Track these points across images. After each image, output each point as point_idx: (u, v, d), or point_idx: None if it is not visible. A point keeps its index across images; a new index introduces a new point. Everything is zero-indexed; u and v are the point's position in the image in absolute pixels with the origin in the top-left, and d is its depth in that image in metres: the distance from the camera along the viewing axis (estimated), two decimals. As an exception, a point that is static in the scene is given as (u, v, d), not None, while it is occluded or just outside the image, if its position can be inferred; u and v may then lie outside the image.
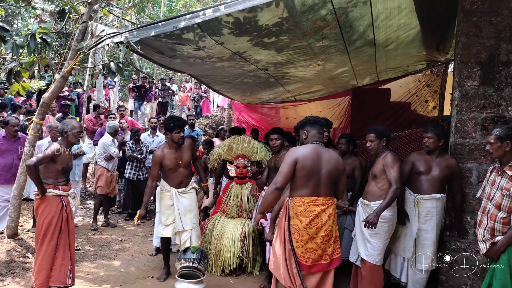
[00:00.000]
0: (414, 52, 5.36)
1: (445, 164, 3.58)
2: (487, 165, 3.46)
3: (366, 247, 3.52)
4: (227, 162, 4.89)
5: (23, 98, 9.74)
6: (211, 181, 5.67)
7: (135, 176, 6.48)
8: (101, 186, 6.11)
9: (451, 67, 6.21)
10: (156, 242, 4.98)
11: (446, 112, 6.19)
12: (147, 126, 10.14)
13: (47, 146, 3.90)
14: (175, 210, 4.13)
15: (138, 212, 4.11)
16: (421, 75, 6.69)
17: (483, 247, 2.91)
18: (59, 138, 3.80)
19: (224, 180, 5.44)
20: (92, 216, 6.23)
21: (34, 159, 3.53)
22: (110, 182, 6.15)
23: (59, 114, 7.57)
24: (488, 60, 3.52)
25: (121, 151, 6.43)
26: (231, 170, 4.79)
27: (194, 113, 12.64)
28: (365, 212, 3.56)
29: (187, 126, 8.53)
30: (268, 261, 3.95)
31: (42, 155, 3.54)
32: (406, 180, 3.71)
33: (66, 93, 10.05)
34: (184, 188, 4.16)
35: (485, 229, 2.89)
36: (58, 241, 3.67)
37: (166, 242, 4.35)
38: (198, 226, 4.32)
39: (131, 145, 6.48)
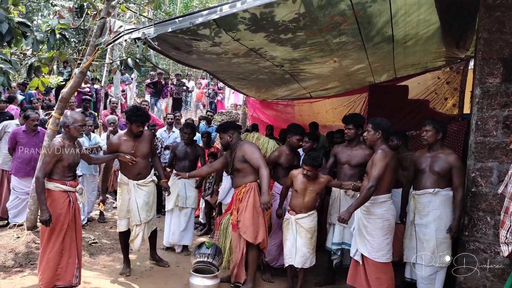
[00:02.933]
0: (433, 49, 5.25)
1: (443, 159, 3.60)
2: (508, 164, 3.37)
3: (365, 244, 3.52)
4: None
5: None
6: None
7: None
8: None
9: (471, 64, 6.07)
10: (166, 241, 5.05)
11: (466, 110, 6.06)
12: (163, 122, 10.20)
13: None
14: (133, 203, 4.12)
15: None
16: (440, 72, 6.57)
17: (505, 249, 2.82)
18: (62, 132, 3.66)
19: (225, 176, 5.35)
20: (108, 210, 6.31)
21: (40, 173, 3.46)
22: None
23: (78, 109, 7.68)
24: (511, 57, 3.42)
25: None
26: None
27: (209, 109, 12.70)
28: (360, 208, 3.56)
29: (204, 122, 8.58)
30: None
31: (44, 162, 3.47)
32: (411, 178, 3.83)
33: (87, 89, 10.18)
34: (142, 180, 4.17)
35: (508, 231, 2.80)
36: (64, 238, 3.56)
37: (124, 236, 4.29)
38: (154, 220, 4.38)
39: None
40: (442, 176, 3.60)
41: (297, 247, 3.80)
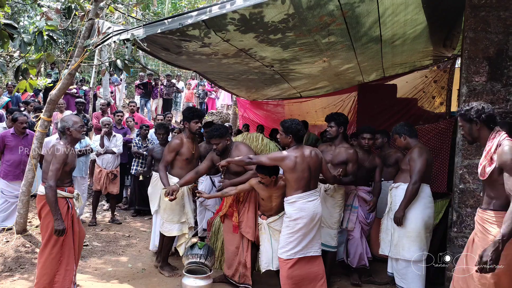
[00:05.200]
0: (421, 48, 5.33)
1: (407, 155, 3.82)
2: (495, 161, 3.44)
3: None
4: None
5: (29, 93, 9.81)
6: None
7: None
8: (93, 181, 6.18)
9: (458, 63, 6.17)
10: (152, 245, 4.87)
11: (454, 108, 6.17)
12: (153, 123, 10.14)
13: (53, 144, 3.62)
14: (187, 206, 4.20)
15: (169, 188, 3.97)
16: (428, 71, 6.66)
17: None
18: (62, 137, 3.57)
19: (203, 177, 5.25)
20: (99, 212, 6.27)
21: (52, 181, 3.28)
22: (99, 178, 6.07)
23: (69, 111, 7.60)
24: (496, 56, 3.49)
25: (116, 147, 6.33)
26: None
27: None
28: None
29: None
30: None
31: (54, 169, 3.31)
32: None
33: (74, 90, 10.10)
34: (192, 184, 4.25)
35: None
36: (62, 245, 3.45)
37: (171, 242, 4.36)
38: None
39: (137, 141, 6.50)
40: (406, 170, 3.79)
41: (273, 250, 3.76)
